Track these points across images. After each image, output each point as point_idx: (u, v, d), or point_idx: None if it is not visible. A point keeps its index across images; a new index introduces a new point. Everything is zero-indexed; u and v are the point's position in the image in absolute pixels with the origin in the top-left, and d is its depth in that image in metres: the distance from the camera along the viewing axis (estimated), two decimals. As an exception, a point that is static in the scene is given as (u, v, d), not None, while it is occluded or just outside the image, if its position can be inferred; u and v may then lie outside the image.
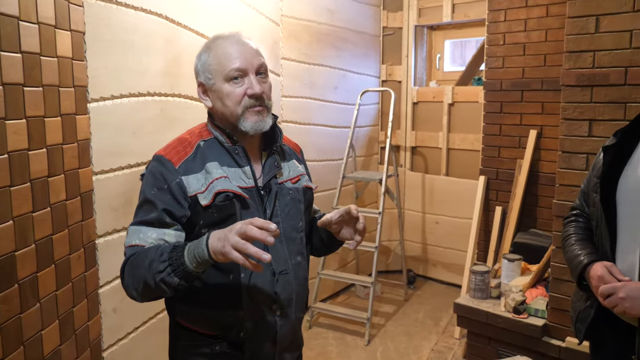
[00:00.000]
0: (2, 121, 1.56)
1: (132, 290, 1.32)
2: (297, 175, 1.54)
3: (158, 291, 1.28)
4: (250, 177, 1.42)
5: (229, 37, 1.43)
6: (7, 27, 1.57)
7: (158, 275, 1.24)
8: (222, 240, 1.17)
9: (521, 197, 3.64)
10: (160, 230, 1.33)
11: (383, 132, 4.89)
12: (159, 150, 1.43)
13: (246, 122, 1.40)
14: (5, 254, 1.59)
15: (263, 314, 1.41)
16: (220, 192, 1.35)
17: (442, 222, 4.76)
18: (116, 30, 2.17)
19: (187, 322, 1.44)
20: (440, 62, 4.92)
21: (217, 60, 1.40)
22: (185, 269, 1.23)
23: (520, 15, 3.67)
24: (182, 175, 1.36)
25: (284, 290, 1.43)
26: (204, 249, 1.21)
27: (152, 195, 1.35)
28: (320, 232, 1.57)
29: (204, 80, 1.43)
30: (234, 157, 1.42)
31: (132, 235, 1.35)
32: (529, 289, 3.06)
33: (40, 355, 1.78)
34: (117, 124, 2.21)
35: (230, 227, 1.19)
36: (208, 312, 1.40)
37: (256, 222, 1.17)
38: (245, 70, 1.39)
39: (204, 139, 1.44)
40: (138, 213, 1.38)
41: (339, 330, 3.88)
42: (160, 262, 1.24)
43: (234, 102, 1.39)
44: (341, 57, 4.35)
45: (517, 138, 3.77)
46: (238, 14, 3.12)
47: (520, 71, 3.70)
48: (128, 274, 1.32)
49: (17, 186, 1.64)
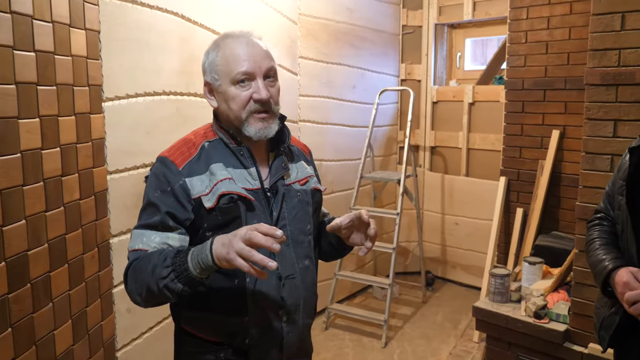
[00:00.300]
0: (15, 120, 1.56)
1: (136, 295, 1.29)
2: (306, 177, 1.50)
3: (162, 297, 1.25)
4: (256, 179, 1.38)
5: (239, 37, 1.38)
6: (20, 25, 1.57)
7: (161, 281, 1.21)
8: (227, 247, 1.14)
9: (543, 199, 3.56)
10: (163, 234, 1.30)
11: (402, 131, 4.83)
12: (162, 152, 1.40)
13: (250, 128, 1.36)
14: (17, 254, 1.58)
15: (269, 320, 1.37)
16: (225, 194, 1.31)
17: (461, 224, 4.68)
18: (132, 29, 2.16)
19: (192, 328, 1.40)
20: (460, 61, 4.84)
21: (224, 61, 1.36)
22: (189, 275, 1.19)
23: (543, 12, 3.59)
24: (185, 177, 1.33)
25: (291, 296, 1.39)
26: (208, 255, 1.18)
27: (155, 198, 1.32)
28: (330, 236, 1.53)
29: (210, 79, 1.40)
30: (239, 158, 1.38)
31: (136, 239, 1.32)
32: (551, 293, 2.98)
33: (52, 355, 1.78)
34: (132, 123, 2.21)
35: (234, 232, 1.16)
36: (213, 318, 1.36)
37: (261, 227, 1.13)
38: (253, 74, 1.35)
39: (209, 140, 1.41)
40: (142, 216, 1.35)
41: (356, 332, 3.84)
42: (164, 268, 1.21)
43: (238, 106, 1.35)
44: (360, 55, 4.30)
45: (539, 138, 3.69)
46: (255, 12, 3.10)
47: (543, 70, 3.62)
48: (131, 279, 1.29)
49: (30, 185, 1.63)
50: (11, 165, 1.55)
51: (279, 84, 1.44)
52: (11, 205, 1.55)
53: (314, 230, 1.51)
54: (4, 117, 1.51)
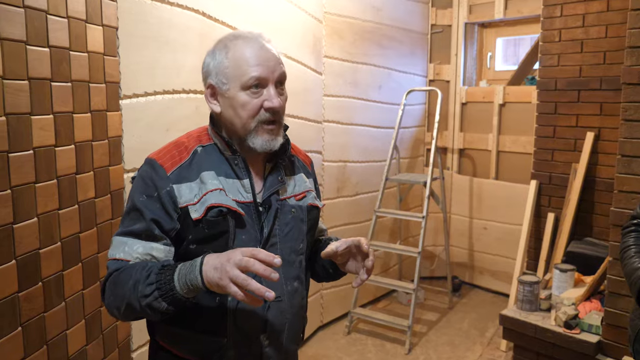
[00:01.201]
0: (28, 116, 1.54)
1: (114, 309, 1.20)
2: (303, 192, 1.39)
3: (143, 314, 1.17)
4: (249, 191, 1.28)
5: (250, 39, 1.28)
6: (34, 20, 1.55)
7: (144, 299, 1.12)
8: (219, 272, 1.06)
9: (576, 204, 3.42)
10: (147, 244, 1.21)
11: (429, 133, 4.73)
12: (152, 153, 1.30)
13: (256, 139, 1.26)
14: (28, 252, 1.57)
15: (249, 343, 1.27)
16: (214, 206, 1.21)
17: (490, 228, 4.55)
18: (150, 26, 2.13)
19: (167, 343, 1.31)
20: (491, 61, 4.71)
21: (235, 63, 1.24)
22: (174, 295, 1.11)
23: (577, 10, 3.45)
24: (173, 183, 1.23)
25: (276, 319, 1.29)
26: (198, 277, 1.09)
27: (140, 203, 1.22)
28: (325, 260, 1.41)
29: (216, 83, 1.27)
30: (233, 167, 1.29)
31: (117, 247, 1.22)
32: (582, 303, 2.86)
33: (65, 355, 1.75)
34: (150, 122, 2.18)
35: (227, 255, 1.08)
36: (189, 336, 1.26)
37: (260, 254, 1.06)
38: (266, 80, 1.25)
39: (203, 145, 1.30)
40: (124, 221, 1.25)
41: (379, 337, 3.76)
42: (147, 285, 1.12)
43: (248, 114, 1.25)
44: (386, 55, 4.22)
45: (572, 140, 3.55)
46: (278, 10, 3.05)
47: (577, 69, 3.48)
48: (109, 291, 1.20)
49: (43, 183, 1.61)
50: (23, 161, 1.53)
51: (286, 92, 1.33)
52: (23, 202, 1.53)
53: (307, 249, 1.41)
54: (16, 113, 1.49)
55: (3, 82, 1.44)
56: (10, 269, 1.49)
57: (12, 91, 1.47)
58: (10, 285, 1.50)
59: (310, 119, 3.48)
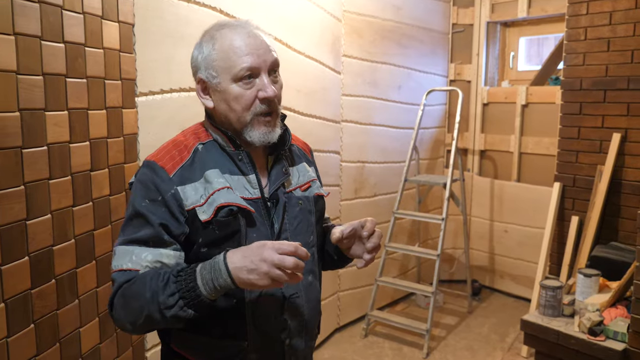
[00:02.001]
0: (42, 112, 1.53)
1: (126, 324, 1.13)
2: (308, 182, 1.35)
3: (165, 325, 1.12)
4: (256, 187, 1.23)
5: (237, 27, 1.21)
6: (49, 16, 1.54)
7: (168, 310, 1.07)
8: (256, 273, 1.04)
9: (601, 207, 3.32)
10: (156, 251, 1.14)
11: (449, 134, 4.65)
12: (149, 155, 1.23)
13: (253, 132, 1.21)
14: (42, 248, 1.56)
15: (270, 343, 1.24)
16: (223, 206, 1.15)
17: (511, 231, 4.46)
18: (167, 23, 2.12)
19: (183, 350, 1.24)
20: (514, 61, 4.62)
21: (223, 55, 1.18)
22: (201, 301, 1.07)
23: (604, 7, 3.35)
24: (177, 185, 1.16)
25: (294, 316, 1.26)
26: (227, 280, 1.06)
27: (144, 208, 1.15)
28: (329, 246, 1.38)
29: (206, 77, 1.21)
30: (237, 163, 1.23)
31: (122, 256, 1.14)
32: (608, 309, 2.76)
33: (77, 353, 1.74)
34: (166, 119, 2.17)
35: (256, 252, 1.06)
36: (207, 342, 1.21)
37: (288, 248, 1.04)
38: (258, 69, 1.19)
39: (202, 142, 1.24)
40: (126, 229, 1.16)
41: (396, 341, 3.70)
42: (169, 296, 1.07)
43: (243, 106, 1.19)
44: (406, 55, 4.16)
45: (597, 142, 3.45)
46: (296, 8, 3.02)
47: (604, 69, 3.38)
48: (121, 306, 1.12)
49: (57, 179, 1.60)
50: (37, 157, 1.52)
51: (281, 79, 1.28)
52: (36, 198, 1.52)
53: (317, 240, 1.37)
54: (30, 108, 1.49)
55: (17, 77, 1.43)
56: (23, 265, 1.48)
57: (26, 86, 1.47)
58: (23, 282, 1.49)
59: (329, 118, 3.44)
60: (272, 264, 1.03)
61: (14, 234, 1.44)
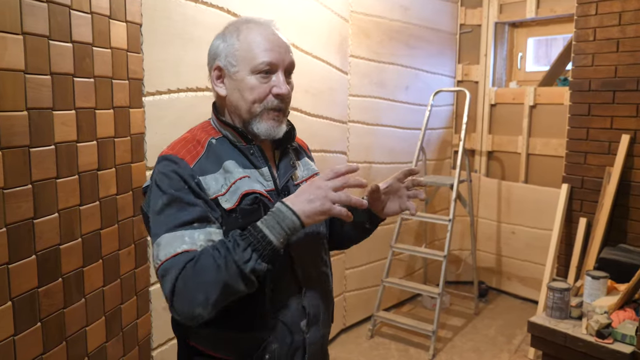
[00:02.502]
0: (50, 111, 1.54)
1: (196, 306, 1.08)
2: (312, 175, 1.40)
3: (240, 289, 1.10)
4: (269, 179, 1.26)
5: (263, 24, 1.26)
6: (57, 15, 1.55)
7: (246, 265, 1.07)
8: (318, 200, 1.10)
9: (609, 209, 3.29)
10: (204, 230, 1.13)
11: (457, 135, 4.64)
12: (164, 151, 1.24)
13: (260, 124, 1.23)
14: (49, 247, 1.56)
15: (290, 333, 1.25)
16: (248, 193, 1.18)
17: (519, 233, 4.43)
18: (175, 23, 2.12)
19: (201, 345, 1.25)
20: (522, 62, 4.60)
21: (247, 46, 1.21)
22: (273, 249, 1.09)
23: (614, 8, 3.33)
24: (198, 175, 1.18)
25: (312, 305, 1.29)
26: (294, 219, 1.10)
27: (178, 193, 1.14)
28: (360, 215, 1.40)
29: (224, 64, 1.24)
30: (249, 157, 1.25)
31: (172, 242, 1.11)
32: (616, 311, 2.74)
33: (84, 351, 1.75)
34: (174, 119, 2.17)
35: (307, 187, 1.12)
36: (227, 335, 1.22)
37: (341, 169, 1.12)
38: (277, 66, 1.23)
39: (214, 137, 1.27)
40: (165, 218, 1.14)
41: (403, 342, 3.69)
42: (242, 251, 1.07)
43: (255, 98, 1.22)
44: (414, 55, 4.15)
45: (606, 143, 3.42)
46: (303, 8, 3.02)
47: (613, 69, 3.36)
48: (187, 288, 1.08)
49: (64, 178, 1.61)
50: (44, 156, 1.53)
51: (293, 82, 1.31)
52: (44, 197, 1.53)
53: (326, 232, 1.41)
54: (38, 107, 1.49)
55: (25, 76, 1.44)
56: (30, 264, 1.49)
57: (34, 86, 1.47)
58: (30, 280, 1.50)
59: (336, 119, 3.44)
60: (327, 187, 1.10)
61: (21, 233, 1.45)
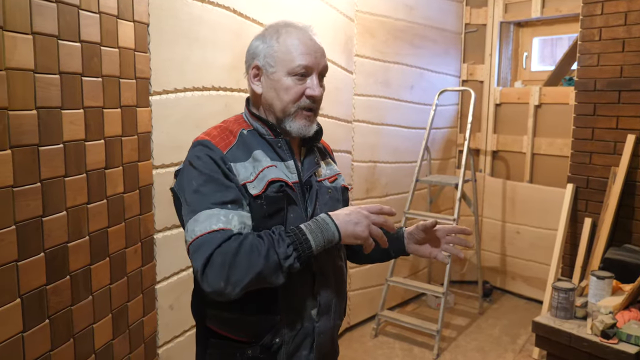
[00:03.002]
0: (59, 110, 1.55)
1: (230, 285, 1.14)
2: (334, 175, 1.47)
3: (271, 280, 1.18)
4: (294, 172, 1.34)
5: (302, 29, 1.35)
6: (66, 15, 1.56)
7: (286, 260, 1.17)
8: (360, 225, 1.22)
9: (615, 209, 3.29)
10: (238, 213, 1.20)
11: (461, 134, 4.64)
12: (199, 136, 1.33)
13: (294, 123, 1.33)
14: (57, 245, 1.57)
15: (302, 319, 1.32)
16: (275, 180, 1.26)
17: (523, 233, 4.43)
18: (181, 23, 2.13)
19: (218, 327, 1.34)
20: (527, 61, 4.59)
21: (285, 49, 1.30)
22: (310, 253, 1.20)
23: (619, 7, 3.32)
24: (230, 161, 1.26)
25: (324, 295, 1.35)
26: (335, 233, 1.21)
27: (215, 173, 1.22)
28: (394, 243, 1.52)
29: (262, 64, 1.33)
30: (276, 150, 1.34)
31: (209, 219, 1.17)
32: (621, 311, 2.74)
33: (91, 348, 1.76)
34: (180, 118, 2.18)
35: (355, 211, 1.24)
36: (242, 318, 1.30)
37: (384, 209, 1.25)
38: (312, 69, 1.32)
39: (245, 129, 1.35)
40: (198, 199, 1.20)
41: (407, 341, 3.69)
42: (286, 247, 1.17)
43: (290, 98, 1.31)
44: (419, 55, 4.15)
45: (612, 143, 3.42)
46: (309, 8, 3.03)
47: (618, 69, 3.35)
48: (225, 266, 1.13)
49: (72, 177, 1.62)
50: (53, 155, 1.54)
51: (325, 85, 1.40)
52: (52, 195, 1.54)
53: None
54: (47, 106, 1.51)
55: (35, 76, 1.45)
56: (38, 261, 1.51)
57: (43, 85, 1.48)
58: (39, 277, 1.51)
59: (341, 118, 3.45)
60: (370, 218, 1.23)
61: (30, 230, 1.46)
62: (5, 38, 1.35)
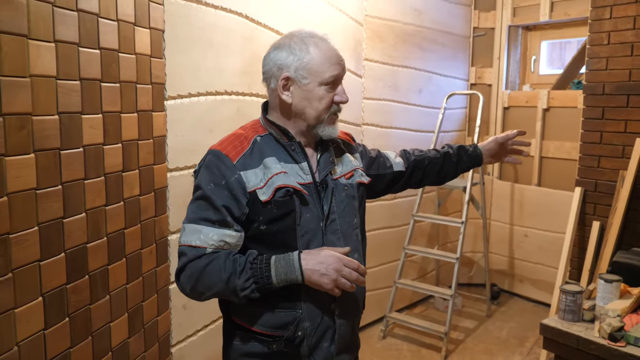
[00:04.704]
0: (79, 115, 1.60)
1: (195, 293, 1.31)
2: (351, 171, 1.51)
3: (231, 299, 1.33)
4: (307, 173, 1.39)
5: (326, 40, 1.40)
6: (86, 23, 1.61)
7: (242, 292, 1.26)
8: (325, 277, 1.27)
9: (623, 212, 3.30)
10: (220, 231, 1.30)
11: (470, 137, 4.66)
12: (213, 145, 1.40)
13: (326, 128, 1.40)
14: (77, 245, 1.62)
15: (322, 313, 1.39)
16: (281, 187, 1.32)
17: (531, 236, 4.45)
18: (195, 29, 2.18)
19: (243, 321, 1.41)
20: (535, 65, 4.61)
21: (320, 61, 1.36)
22: (270, 288, 1.27)
23: (628, 11, 3.34)
24: (240, 170, 1.33)
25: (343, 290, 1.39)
26: (299, 277, 1.27)
27: (209, 191, 1.31)
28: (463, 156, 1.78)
29: (294, 76, 1.36)
30: (290, 153, 1.39)
31: (191, 234, 1.31)
32: (629, 315, 2.75)
33: (108, 346, 1.81)
34: (194, 122, 2.23)
35: (329, 260, 1.27)
36: (265, 311, 1.36)
37: (352, 264, 1.29)
38: (340, 78, 1.40)
39: (260, 135, 1.41)
40: (194, 209, 1.34)
41: (415, 343, 3.72)
42: (245, 280, 1.26)
43: (324, 107, 1.38)
44: (427, 58, 4.18)
45: (620, 147, 3.43)
46: (319, 13, 3.07)
47: (627, 73, 3.36)
48: (193, 278, 1.29)
49: (91, 179, 1.67)
50: (73, 159, 1.59)
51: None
52: (72, 198, 1.59)
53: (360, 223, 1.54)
54: (68, 112, 1.56)
55: (57, 82, 1.51)
56: (59, 261, 1.56)
57: (64, 91, 1.54)
58: (60, 277, 1.56)
59: (350, 121, 3.49)
60: (341, 274, 1.27)
61: (52, 231, 1.51)
62: (30, 46, 1.41)
